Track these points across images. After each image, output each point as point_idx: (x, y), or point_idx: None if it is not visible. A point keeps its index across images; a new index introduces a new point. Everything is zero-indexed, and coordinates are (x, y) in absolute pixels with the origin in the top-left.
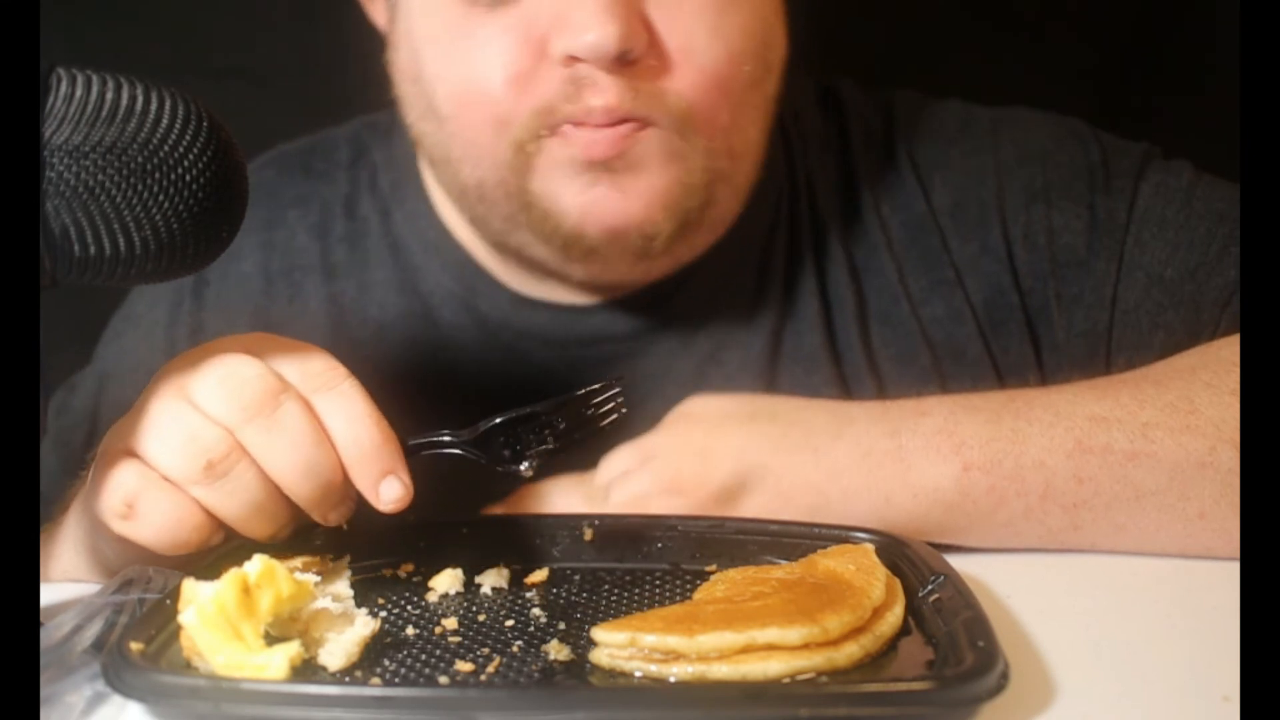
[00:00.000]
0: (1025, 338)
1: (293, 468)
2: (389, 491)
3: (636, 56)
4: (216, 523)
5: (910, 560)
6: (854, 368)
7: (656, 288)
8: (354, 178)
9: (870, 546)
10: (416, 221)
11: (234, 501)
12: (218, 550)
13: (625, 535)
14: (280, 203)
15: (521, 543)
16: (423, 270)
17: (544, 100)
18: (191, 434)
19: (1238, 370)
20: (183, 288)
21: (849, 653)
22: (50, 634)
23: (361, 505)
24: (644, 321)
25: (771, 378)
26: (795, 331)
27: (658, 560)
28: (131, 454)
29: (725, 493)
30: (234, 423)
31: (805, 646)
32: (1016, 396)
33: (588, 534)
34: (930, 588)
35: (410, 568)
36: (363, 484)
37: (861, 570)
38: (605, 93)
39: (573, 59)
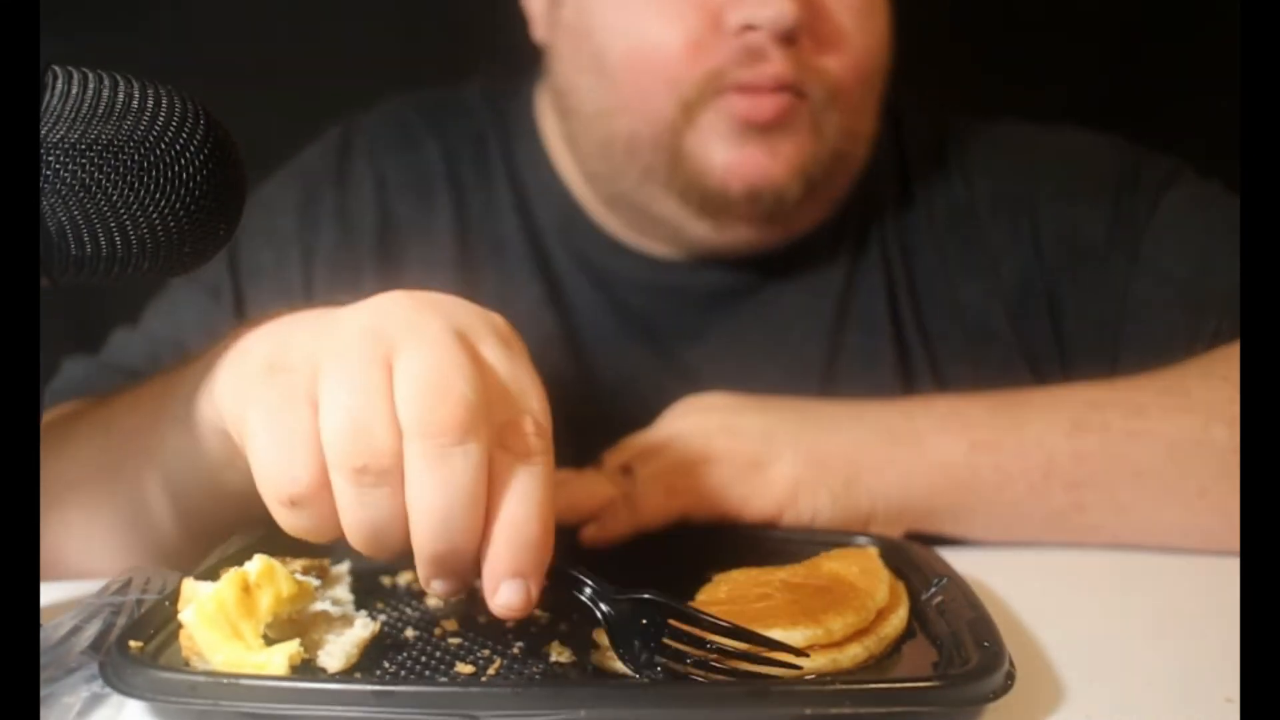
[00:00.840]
0: (1049, 325)
1: (432, 512)
2: (510, 596)
3: (801, 33)
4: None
5: (913, 564)
6: (910, 339)
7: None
8: (482, 119)
9: (874, 550)
10: (532, 162)
11: (360, 514)
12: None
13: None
14: (416, 132)
15: None
16: (533, 204)
17: (716, 66)
18: (367, 427)
19: (1228, 363)
20: (325, 170)
21: (853, 654)
22: (49, 634)
23: None
24: (722, 282)
25: (838, 341)
26: (862, 299)
27: None
28: (313, 398)
29: (758, 461)
30: (409, 430)
31: (809, 648)
32: (1018, 391)
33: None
34: (933, 590)
35: (411, 576)
36: (491, 572)
37: (865, 573)
38: (774, 63)
39: (747, 28)
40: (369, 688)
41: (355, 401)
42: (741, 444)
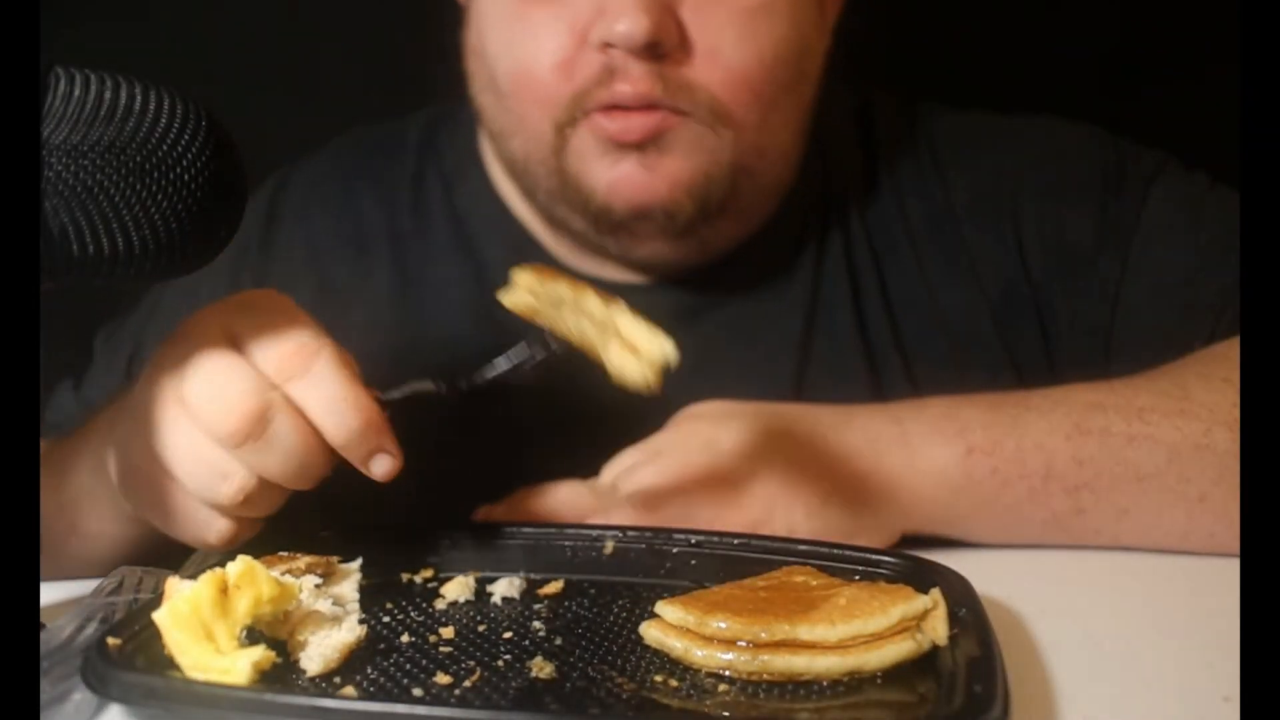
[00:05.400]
0: (1036, 330)
1: (287, 475)
2: (379, 467)
3: (666, 50)
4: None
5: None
6: (882, 347)
7: (699, 270)
8: (421, 158)
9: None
10: (477, 196)
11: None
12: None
13: (647, 551)
14: (353, 175)
15: (542, 552)
16: (479, 239)
17: (581, 85)
18: (200, 455)
19: (1229, 363)
20: (249, 238)
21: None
22: (53, 636)
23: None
24: (687, 302)
25: (805, 356)
26: (827, 312)
27: (679, 577)
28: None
29: (733, 479)
30: (225, 439)
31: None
32: (1016, 393)
33: (608, 547)
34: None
35: (430, 573)
36: (355, 461)
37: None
38: (635, 80)
39: (607, 46)
40: (322, 703)
41: (174, 437)
42: (717, 461)
